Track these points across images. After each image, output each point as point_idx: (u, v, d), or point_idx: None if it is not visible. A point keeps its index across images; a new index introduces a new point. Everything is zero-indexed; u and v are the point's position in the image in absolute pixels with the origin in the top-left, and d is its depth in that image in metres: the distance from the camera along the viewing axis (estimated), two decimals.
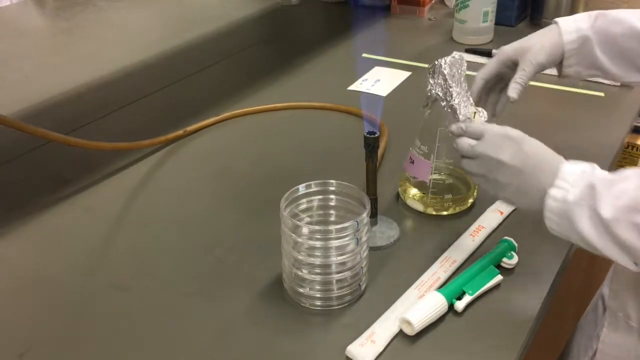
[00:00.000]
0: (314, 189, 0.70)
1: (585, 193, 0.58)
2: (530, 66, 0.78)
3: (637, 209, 0.55)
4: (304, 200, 0.70)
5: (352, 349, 0.62)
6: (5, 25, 1.65)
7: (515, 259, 0.72)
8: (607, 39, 0.78)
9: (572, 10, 1.41)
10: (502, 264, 0.71)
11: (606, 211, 0.56)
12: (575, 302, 0.96)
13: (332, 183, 0.70)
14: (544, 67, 0.79)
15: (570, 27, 0.79)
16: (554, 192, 0.60)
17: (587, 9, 1.24)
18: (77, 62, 1.36)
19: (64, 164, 0.97)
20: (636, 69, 0.79)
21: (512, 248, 0.73)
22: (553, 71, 1.20)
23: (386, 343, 0.63)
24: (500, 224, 0.79)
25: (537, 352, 0.76)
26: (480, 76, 0.81)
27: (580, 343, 0.87)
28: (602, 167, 0.61)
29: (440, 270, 0.71)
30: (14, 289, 0.73)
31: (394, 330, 0.64)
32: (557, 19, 0.81)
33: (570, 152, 0.65)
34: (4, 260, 0.78)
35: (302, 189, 0.70)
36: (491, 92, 0.83)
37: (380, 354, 0.62)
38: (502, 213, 0.80)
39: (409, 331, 0.63)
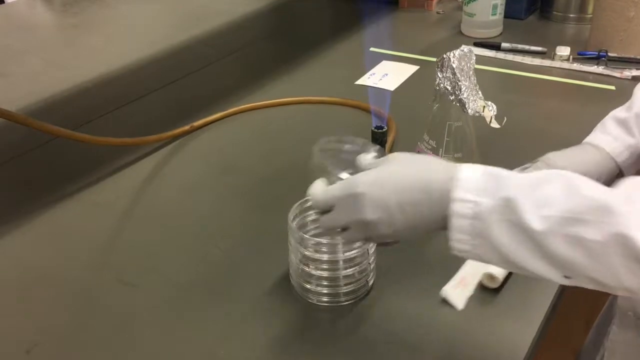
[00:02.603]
0: None
1: (500, 205, 0.48)
2: None
3: (573, 219, 0.46)
4: None
5: (448, 289, 0.65)
6: (13, 21, 1.65)
7: None
8: None
9: (582, 4, 1.39)
10: None
11: (535, 224, 0.47)
12: (590, 299, 0.95)
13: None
14: None
15: (618, 147, 0.78)
16: (458, 207, 0.50)
17: (597, 3, 1.23)
18: (84, 57, 1.36)
19: (71, 160, 0.97)
20: None
21: None
22: (563, 64, 1.19)
23: (474, 288, 0.66)
24: None
25: (552, 348, 0.75)
26: None
27: (594, 341, 0.86)
28: None
29: None
30: (22, 285, 0.73)
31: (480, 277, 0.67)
32: (599, 144, 0.79)
33: None
34: (12, 256, 0.78)
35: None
36: None
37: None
38: None
39: (492, 284, 0.66)
